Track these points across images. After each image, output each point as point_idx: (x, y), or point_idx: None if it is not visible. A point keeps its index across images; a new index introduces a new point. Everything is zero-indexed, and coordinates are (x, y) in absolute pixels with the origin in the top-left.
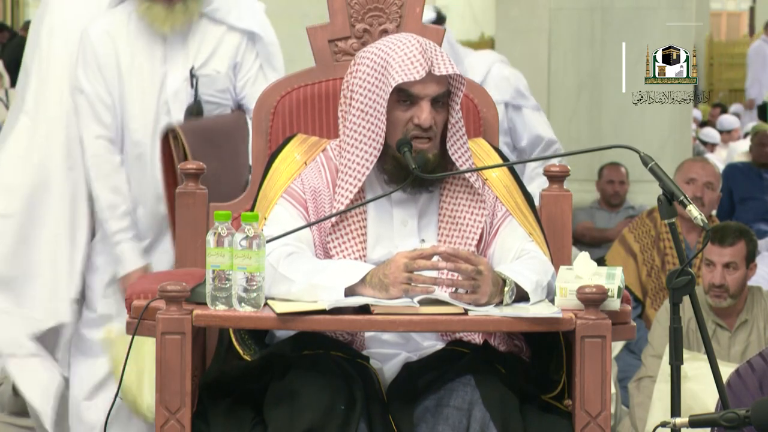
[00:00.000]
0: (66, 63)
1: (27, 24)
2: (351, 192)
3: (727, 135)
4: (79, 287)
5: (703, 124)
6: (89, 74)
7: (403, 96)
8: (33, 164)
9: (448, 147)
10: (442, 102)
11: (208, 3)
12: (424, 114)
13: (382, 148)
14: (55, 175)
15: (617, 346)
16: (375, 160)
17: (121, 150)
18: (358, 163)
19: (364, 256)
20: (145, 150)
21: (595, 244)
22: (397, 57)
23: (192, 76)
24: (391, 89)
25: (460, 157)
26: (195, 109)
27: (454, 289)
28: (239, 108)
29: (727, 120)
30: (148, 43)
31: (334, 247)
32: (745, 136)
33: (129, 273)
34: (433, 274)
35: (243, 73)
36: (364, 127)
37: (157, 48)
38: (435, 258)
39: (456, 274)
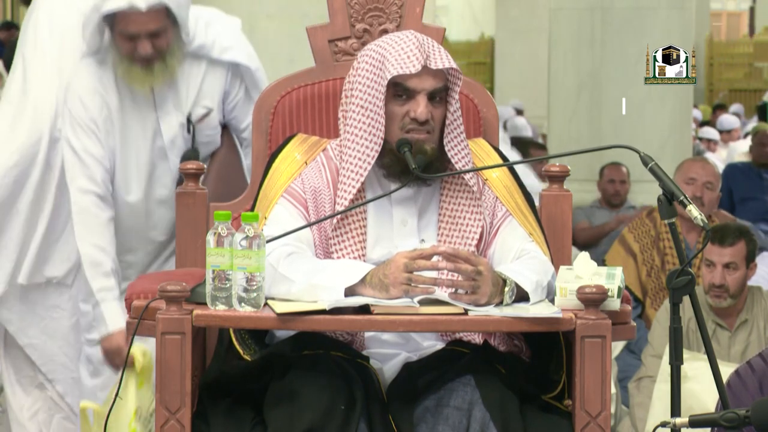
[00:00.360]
0: (52, 55)
1: None
2: (354, 187)
3: (727, 135)
4: (27, 276)
5: (703, 124)
6: (77, 130)
7: (399, 90)
8: (11, 151)
9: (445, 144)
10: (439, 98)
11: (190, 43)
12: (420, 107)
13: (382, 142)
14: (36, 165)
15: (617, 346)
16: (376, 155)
17: (114, 200)
18: (359, 159)
19: (364, 255)
20: (139, 197)
21: (592, 243)
22: (394, 51)
23: (189, 122)
24: (386, 82)
25: (457, 153)
26: (192, 156)
27: (454, 289)
28: (224, 127)
29: (727, 120)
30: (137, 93)
31: (334, 244)
32: (745, 136)
33: (112, 333)
34: (433, 274)
35: (231, 98)
36: (363, 123)
37: (146, 96)
38: (435, 258)
39: (456, 275)
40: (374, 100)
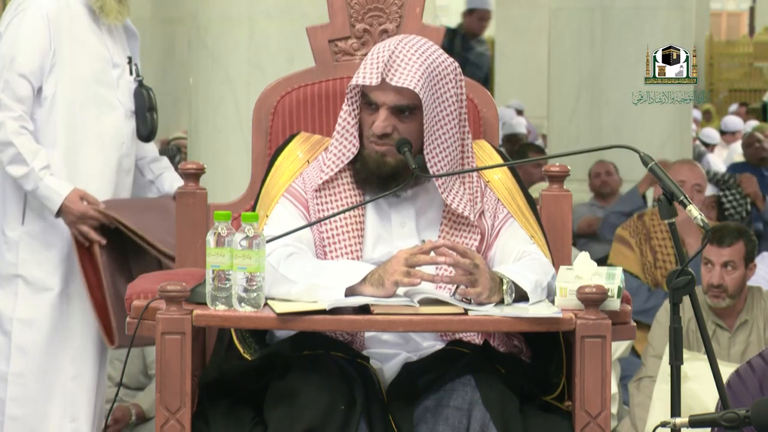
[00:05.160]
0: None
1: None
2: (322, 177)
3: (731, 136)
4: None
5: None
6: (29, 51)
7: (366, 100)
8: None
9: (426, 159)
10: (408, 113)
11: None
12: (377, 121)
13: (358, 144)
14: None
15: (622, 349)
16: (351, 156)
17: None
18: (335, 155)
19: (360, 256)
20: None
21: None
22: (369, 57)
23: (130, 61)
24: (350, 89)
25: (435, 161)
26: (143, 93)
27: (455, 285)
28: None
29: (732, 121)
30: (92, 31)
31: (328, 238)
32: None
33: (64, 202)
34: (433, 269)
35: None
36: (347, 121)
37: (100, 35)
38: (433, 253)
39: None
40: (347, 108)
